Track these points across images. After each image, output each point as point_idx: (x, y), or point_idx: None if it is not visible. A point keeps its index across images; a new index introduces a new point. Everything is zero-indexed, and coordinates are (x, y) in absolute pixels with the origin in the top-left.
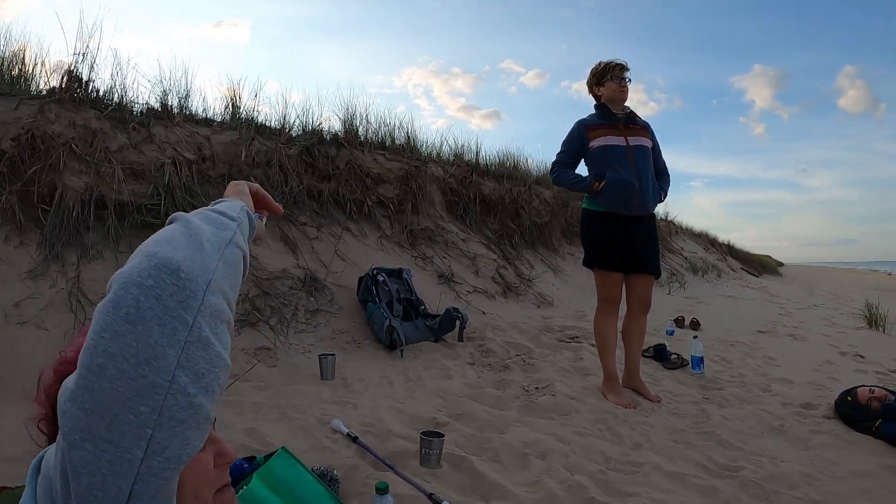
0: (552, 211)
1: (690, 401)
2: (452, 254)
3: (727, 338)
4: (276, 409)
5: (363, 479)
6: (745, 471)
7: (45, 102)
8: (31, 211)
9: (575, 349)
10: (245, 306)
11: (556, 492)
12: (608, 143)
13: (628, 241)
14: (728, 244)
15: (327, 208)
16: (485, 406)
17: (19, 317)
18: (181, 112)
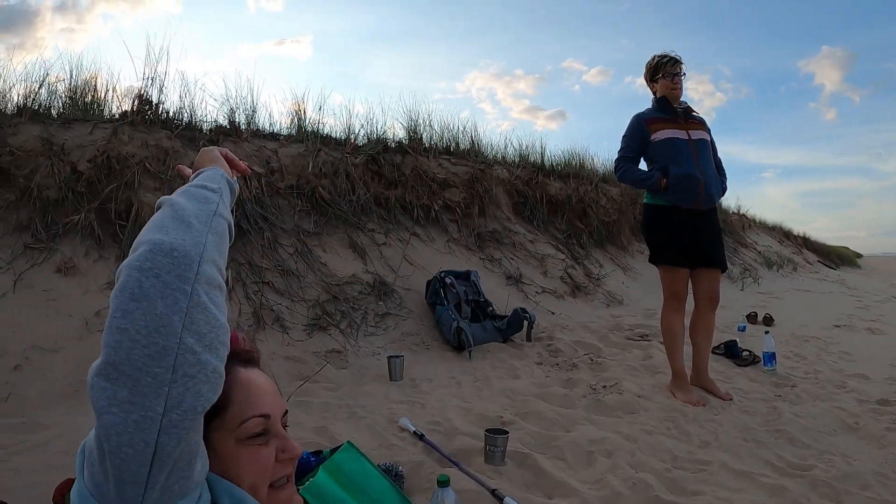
0: (620, 209)
1: (761, 398)
2: (520, 255)
3: (802, 333)
4: (345, 409)
5: (428, 476)
6: (816, 470)
7: (118, 125)
8: (109, 227)
9: (644, 347)
10: (315, 311)
11: (620, 490)
12: (670, 136)
13: (693, 235)
14: (803, 236)
15: (395, 214)
16: (551, 405)
17: (100, 325)
18: (248, 128)
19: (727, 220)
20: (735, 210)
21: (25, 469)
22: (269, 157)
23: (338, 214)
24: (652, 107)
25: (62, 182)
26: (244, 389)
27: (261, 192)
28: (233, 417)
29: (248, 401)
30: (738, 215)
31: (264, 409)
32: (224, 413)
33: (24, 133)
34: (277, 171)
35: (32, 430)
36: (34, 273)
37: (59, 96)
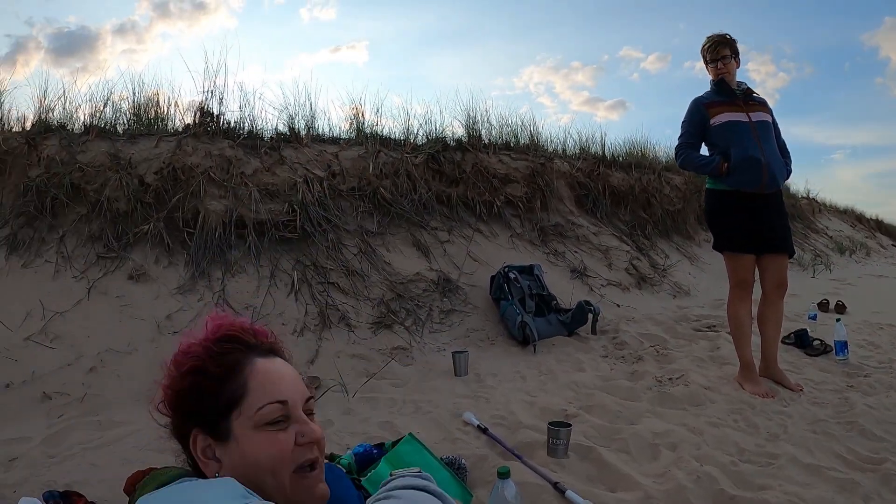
0: (685, 197)
1: (833, 389)
2: (584, 248)
3: (876, 321)
4: (411, 404)
5: (491, 469)
6: (888, 463)
7: (182, 138)
8: (178, 234)
9: (712, 338)
10: (380, 309)
11: (684, 483)
12: (729, 120)
13: (758, 220)
14: (877, 219)
15: (457, 212)
16: (616, 398)
17: (171, 327)
18: (308, 133)
19: (796, 204)
20: (804, 194)
21: (101, 464)
22: (329, 161)
23: (400, 214)
24: (710, 90)
25: (131, 194)
26: (260, 378)
27: (323, 195)
28: (250, 405)
29: (265, 389)
30: (807, 200)
31: (281, 396)
32: (242, 402)
33: (93, 150)
34: (339, 173)
35: (108, 428)
36: (107, 280)
37: (124, 113)
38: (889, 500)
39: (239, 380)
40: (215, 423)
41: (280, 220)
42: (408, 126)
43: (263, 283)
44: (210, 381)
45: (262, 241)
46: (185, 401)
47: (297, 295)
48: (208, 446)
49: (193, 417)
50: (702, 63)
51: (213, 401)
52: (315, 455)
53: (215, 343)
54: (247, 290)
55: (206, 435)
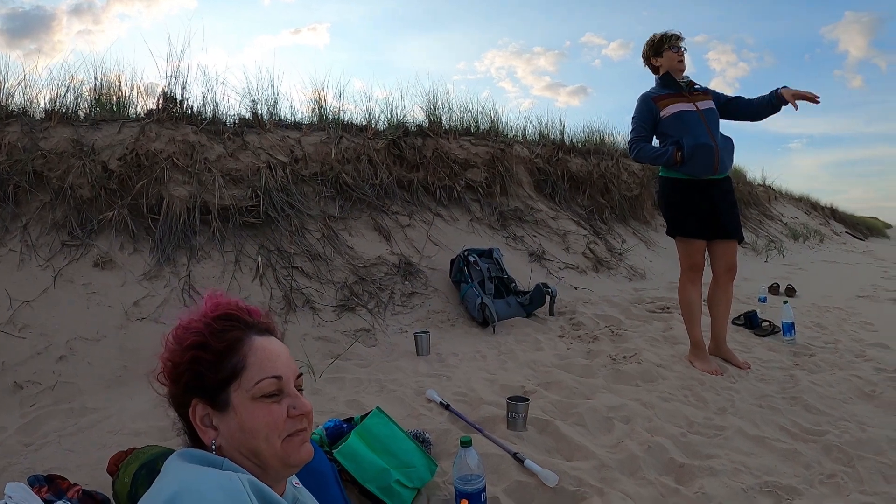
0: (642, 183)
1: (779, 367)
2: (542, 232)
3: (824, 304)
4: (376, 383)
5: (454, 442)
6: (830, 435)
7: (145, 123)
8: (142, 221)
9: (665, 319)
10: (344, 292)
11: (636, 453)
12: (679, 109)
13: (709, 206)
14: (831, 207)
15: (418, 196)
16: (572, 375)
17: (138, 314)
18: (271, 118)
19: (752, 191)
20: (761, 182)
21: (78, 450)
22: (292, 147)
23: (362, 199)
24: (656, 85)
25: (94, 181)
26: (259, 354)
27: (286, 181)
28: (249, 378)
29: (262, 364)
30: (763, 187)
31: (276, 372)
32: (241, 375)
33: (55, 136)
34: (301, 159)
35: (81, 415)
36: (73, 268)
37: (86, 99)
38: (829, 468)
39: (238, 355)
40: (215, 394)
41: (244, 206)
42: (370, 111)
43: (228, 269)
44: (211, 356)
45: (227, 227)
46: (185, 373)
47: (262, 279)
48: (206, 415)
49: (194, 388)
50: None
51: (213, 373)
52: (304, 425)
53: (215, 320)
54: (212, 275)
55: (205, 404)
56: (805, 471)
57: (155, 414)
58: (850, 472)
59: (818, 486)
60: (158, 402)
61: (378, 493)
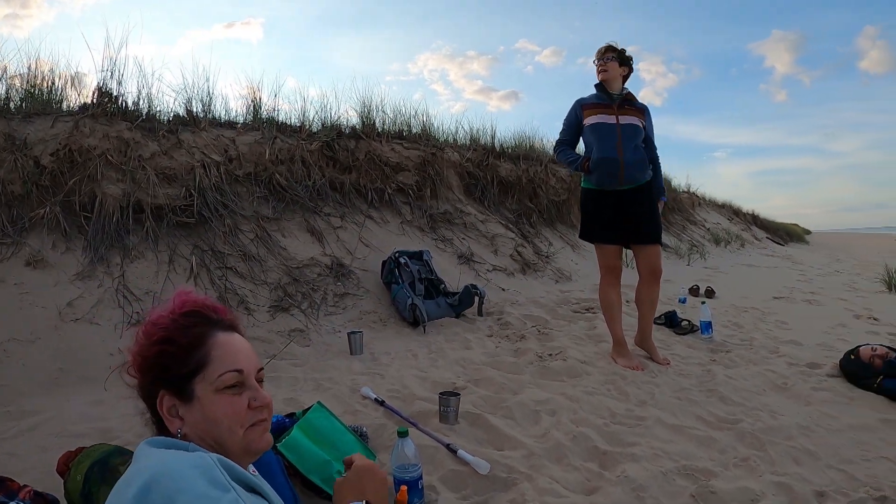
0: (569, 189)
1: (698, 363)
2: (471, 235)
3: (742, 304)
4: (312, 382)
5: (390, 436)
6: (743, 423)
7: (79, 118)
8: (75, 219)
9: (590, 319)
10: (277, 293)
11: (562, 442)
12: (598, 121)
13: (621, 214)
14: (752, 214)
15: (350, 198)
16: (501, 371)
17: (73, 314)
18: (206, 117)
19: (677, 198)
20: (685, 189)
21: (20, 453)
22: (227, 146)
23: (295, 200)
24: (593, 92)
25: (26, 177)
26: (222, 349)
27: (220, 180)
28: (212, 372)
29: (225, 359)
30: (688, 194)
31: (238, 366)
32: (205, 369)
33: None
34: (235, 158)
35: (20, 417)
36: (4, 267)
37: (17, 90)
38: (743, 452)
39: (203, 350)
40: (180, 386)
41: (178, 205)
42: (304, 112)
43: (162, 269)
44: (177, 350)
45: (161, 227)
46: (153, 366)
47: (197, 280)
48: (173, 406)
49: (161, 381)
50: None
51: (179, 367)
52: (265, 416)
53: (182, 316)
54: (146, 275)
55: (171, 396)
56: (720, 455)
57: (95, 415)
58: (763, 455)
59: (732, 469)
60: (98, 403)
61: (321, 483)
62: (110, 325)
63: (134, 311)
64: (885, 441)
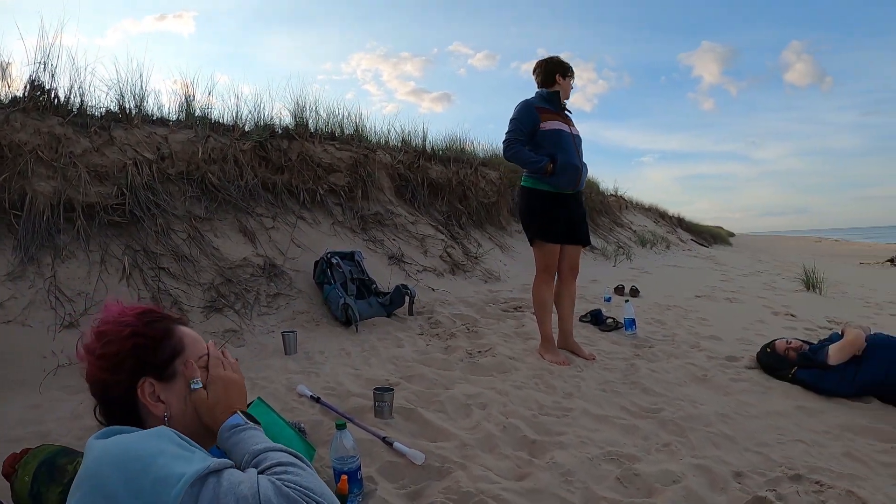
0: (499, 191)
1: (622, 357)
2: (402, 236)
3: (665, 303)
4: (248, 381)
5: (327, 431)
6: (665, 412)
7: (10, 112)
8: (3, 217)
9: (518, 317)
10: (211, 294)
11: (493, 433)
12: (558, 128)
13: (567, 215)
14: (678, 217)
15: (282, 199)
16: (432, 368)
17: (4, 316)
18: (138, 113)
19: (604, 201)
20: (613, 192)
21: None
22: (159, 144)
23: (227, 200)
24: (540, 97)
25: None
26: (189, 338)
27: (152, 179)
28: (190, 354)
29: (195, 344)
30: (615, 197)
31: (204, 350)
32: (183, 353)
33: None
34: (168, 157)
35: None
36: None
37: None
38: (665, 438)
39: (174, 339)
40: (163, 369)
41: (109, 204)
42: (237, 111)
43: (94, 269)
44: (149, 341)
45: (92, 226)
46: (129, 358)
47: (129, 280)
48: (153, 391)
49: (141, 369)
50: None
51: (157, 353)
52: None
53: (140, 316)
54: (78, 276)
55: (153, 381)
56: (644, 441)
57: (32, 419)
58: (684, 441)
59: (655, 454)
60: (34, 407)
61: None
62: (43, 326)
63: (66, 312)
64: (799, 426)
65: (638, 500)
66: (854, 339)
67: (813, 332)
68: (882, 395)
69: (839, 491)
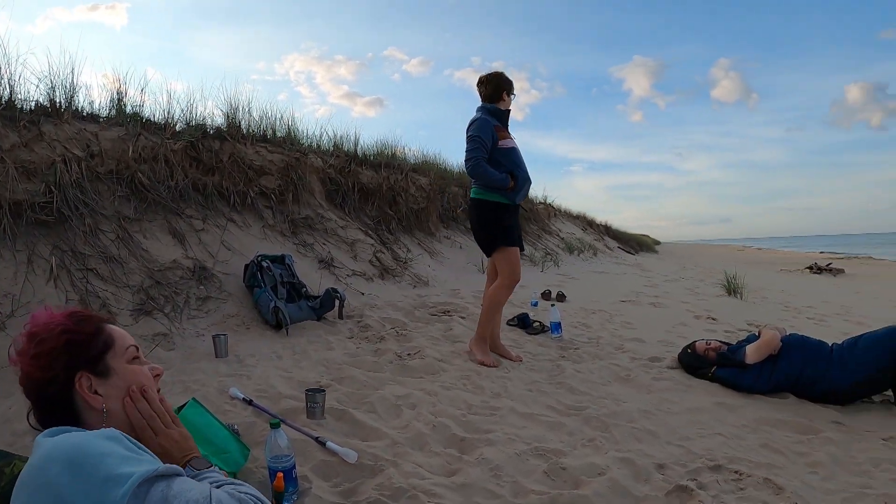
0: (429, 197)
1: (548, 359)
2: (332, 240)
3: (591, 307)
4: (180, 384)
5: (260, 433)
6: (590, 409)
7: None
8: None
9: (446, 321)
10: (140, 296)
11: (423, 431)
12: (512, 146)
13: (517, 224)
14: (606, 225)
15: (212, 201)
16: (363, 370)
17: None
18: (69, 108)
19: (533, 208)
20: (542, 200)
21: None
22: (89, 141)
23: (157, 200)
24: (493, 115)
25: None
26: (117, 333)
27: (81, 177)
28: (120, 347)
29: (124, 338)
30: (543, 204)
31: (133, 342)
32: (114, 345)
33: None
34: (98, 155)
35: None
36: None
37: None
38: (589, 434)
39: (104, 334)
40: (96, 363)
41: (37, 202)
42: (169, 109)
43: (21, 269)
44: (83, 336)
45: (19, 225)
46: (63, 354)
47: (57, 282)
48: (90, 384)
49: (76, 363)
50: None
51: (90, 348)
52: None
53: (69, 316)
54: (4, 276)
55: (89, 375)
56: (569, 437)
57: None
58: (608, 436)
59: (580, 448)
60: None
61: None
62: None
63: None
64: (719, 420)
65: (565, 492)
66: (770, 339)
67: (732, 334)
68: (797, 391)
69: (757, 479)
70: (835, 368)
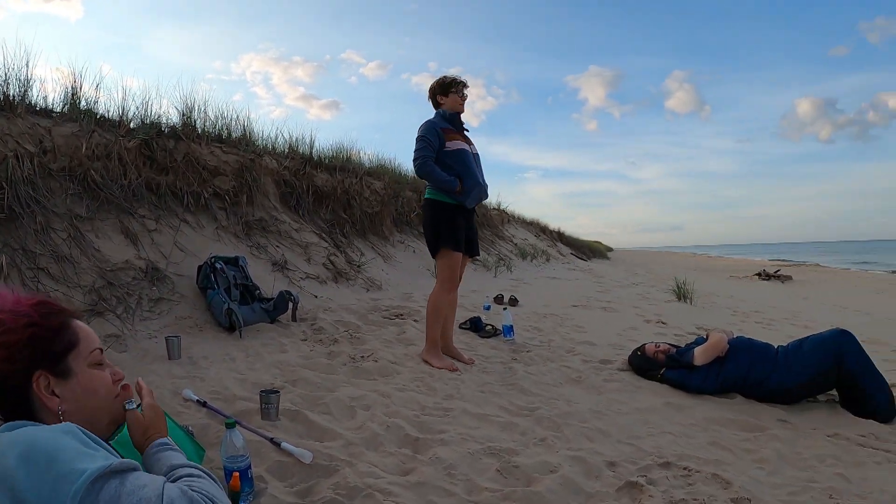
0: (383, 201)
1: (500, 361)
2: (285, 243)
3: (543, 311)
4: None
5: (215, 434)
6: (541, 410)
7: None
8: None
9: (399, 324)
10: (92, 297)
11: (378, 432)
12: (462, 148)
13: (469, 229)
14: (558, 231)
15: (166, 201)
16: (317, 372)
17: None
18: (22, 102)
19: (487, 214)
20: (496, 206)
21: None
22: (42, 136)
23: (110, 199)
24: (441, 117)
25: None
26: (84, 332)
27: (33, 174)
28: (84, 348)
29: (89, 338)
30: (497, 210)
31: (98, 345)
32: (78, 346)
33: None
34: (50, 151)
35: None
36: None
37: None
38: (541, 434)
39: (70, 331)
40: (56, 363)
41: None
42: (123, 106)
43: None
44: (47, 332)
45: None
46: (25, 348)
47: (7, 281)
48: (48, 384)
49: (36, 361)
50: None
51: (53, 345)
52: (120, 389)
53: (36, 307)
54: None
55: (48, 375)
56: (522, 437)
57: None
58: (559, 435)
59: (532, 447)
60: None
61: None
62: None
63: None
64: (668, 420)
65: (518, 489)
66: (717, 341)
67: (682, 337)
68: (744, 391)
69: (706, 475)
70: (780, 370)
